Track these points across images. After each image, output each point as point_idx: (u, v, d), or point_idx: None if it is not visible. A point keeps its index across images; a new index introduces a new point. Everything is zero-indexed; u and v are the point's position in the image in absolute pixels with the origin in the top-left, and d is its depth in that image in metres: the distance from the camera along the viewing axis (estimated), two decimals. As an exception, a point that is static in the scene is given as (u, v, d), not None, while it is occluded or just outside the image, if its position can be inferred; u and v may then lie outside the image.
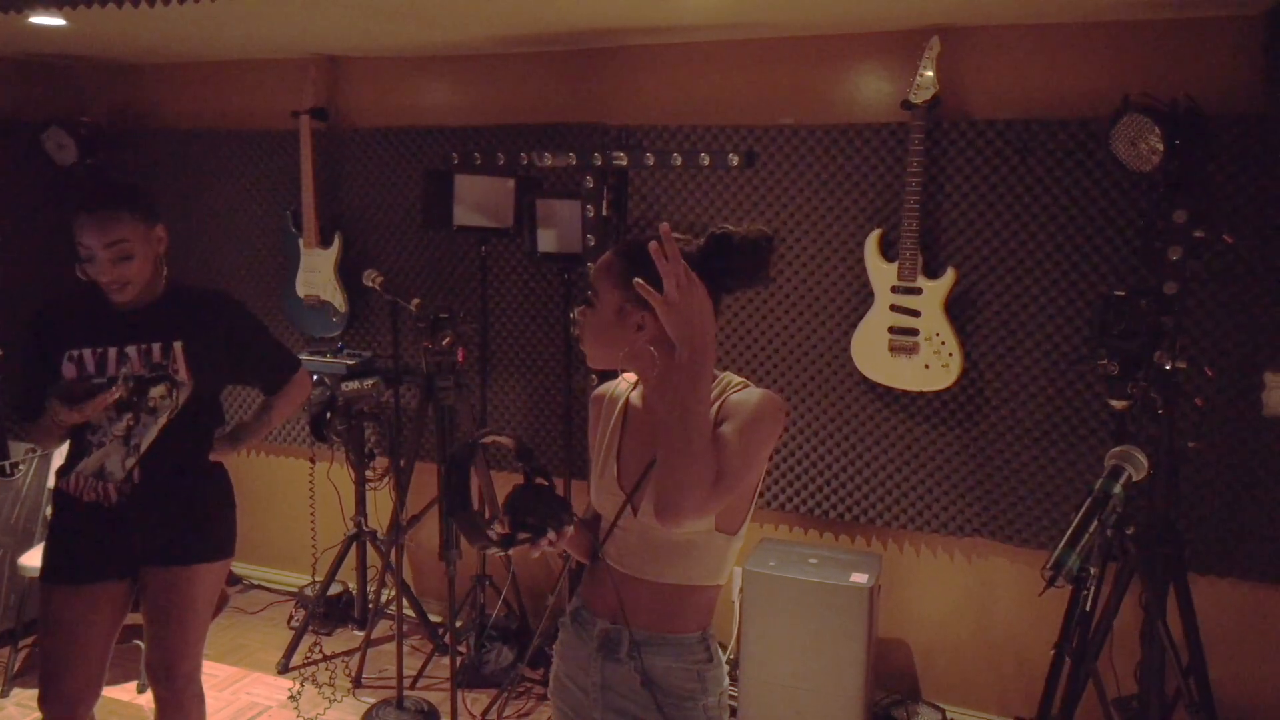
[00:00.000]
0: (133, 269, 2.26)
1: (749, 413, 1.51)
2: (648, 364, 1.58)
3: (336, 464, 3.82)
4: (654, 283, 1.44)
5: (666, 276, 1.40)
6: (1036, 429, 3.05)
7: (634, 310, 1.55)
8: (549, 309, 3.67)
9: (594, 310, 1.59)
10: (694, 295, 1.42)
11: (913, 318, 3.03)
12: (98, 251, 2.21)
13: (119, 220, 2.22)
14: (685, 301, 1.41)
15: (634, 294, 1.49)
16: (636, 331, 1.56)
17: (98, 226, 2.20)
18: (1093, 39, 2.87)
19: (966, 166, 3.02)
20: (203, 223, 4.22)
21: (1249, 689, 2.94)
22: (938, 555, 3.29)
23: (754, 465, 1.53)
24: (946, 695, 3.31)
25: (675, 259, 1.41)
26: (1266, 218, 2.72)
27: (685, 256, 1.48)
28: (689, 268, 1.42)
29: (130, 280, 2.26)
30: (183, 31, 3.38)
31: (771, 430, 1.53)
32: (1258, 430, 2.81)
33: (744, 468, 1.50)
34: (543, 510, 1.55)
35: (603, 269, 1.59)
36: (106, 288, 2.26)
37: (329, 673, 3.59)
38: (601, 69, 3.50)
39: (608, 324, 1.58)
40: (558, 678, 1.77)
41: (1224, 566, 2.90)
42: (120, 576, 2.37)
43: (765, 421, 1.52)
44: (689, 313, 1.42)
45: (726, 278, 1.56)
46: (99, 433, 2.31)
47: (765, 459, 1.56)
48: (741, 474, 1.50)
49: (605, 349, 1.59)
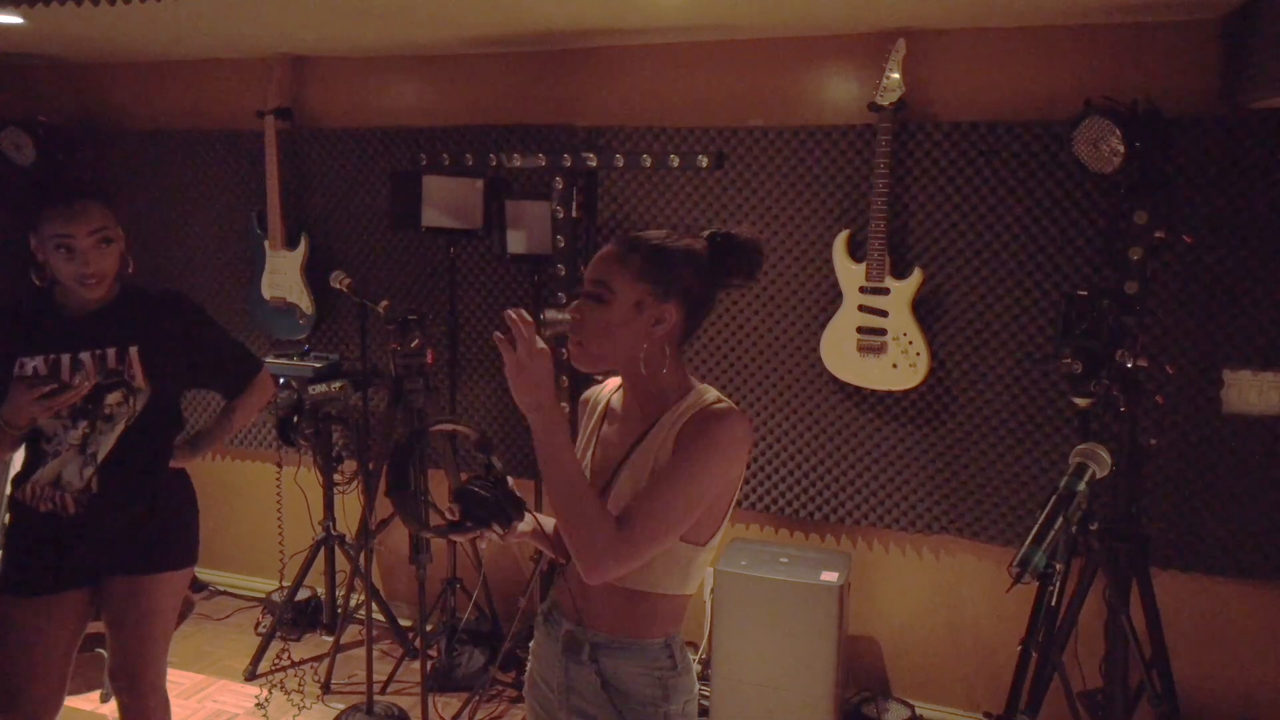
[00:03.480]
0: (113, 258, 2.22)
1: (699, 448, 1.49)
2: (656, 362, 1.56)
3: (304, 468, 3.78)
4: (677, 276, 1.53)
5: (520, 339, 1.43)
6: (1002, 427, 3.09)
7: (654, 303, 1.54)
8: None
9: (604, 306, 1.54)
10: (541, 362, 1.45)
11: (880, 318, 3.06)
12: (80, 240, 2.15)
13: (96, 208, 2.19)
14: (535, 365, 1.44)
15: (654, 287, 1.53)
16: (654, 326, 1.54)
17: (79, 215, 2.16)
18: (1055, 42, 2.91)
19: (933, 168, 3.06)
20: (166, 224, 4.16)
21: (1210, 681, 2.99)
22: (906, 553, 3.32)
23: (695, 503, 1.50)
24: (915, 691, 3.34)
25: (529, 327, 1.45)
26: (1224, 219, 2.78)
27: (698, 255, 1.56)
28: (534, 340, 1.45)
29: (107, 273, 2.21)
30: (144, 30, 3.33)
31: (727, 458, 1.51)
32: (1217, 427, 2.87)
33: (680, 508, 1.48)
34: (492, 504, 1.54)
35: (614, 262, 1.55)
36: (82, 281, 2.18)
37: (297, 679, 3.55)
38: (571, 70, 3.49)
39: (623, 319, 1.54)
40: (531, 676, 1.77)
41: (1185, 561, 2.95)
42: (80, 586, 2.32)
43: (717, 452, 1.49)
44: (538, 376, 1.44)
45: (729, 275, 1.60)
46: (54, 441, 2.25)
47: (724, 486, 1.54)
48: (674, 517, 1.48)
49: (613, 346, 1.55)
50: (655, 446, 1.56)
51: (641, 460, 1.56)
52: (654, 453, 1.55)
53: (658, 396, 1.60)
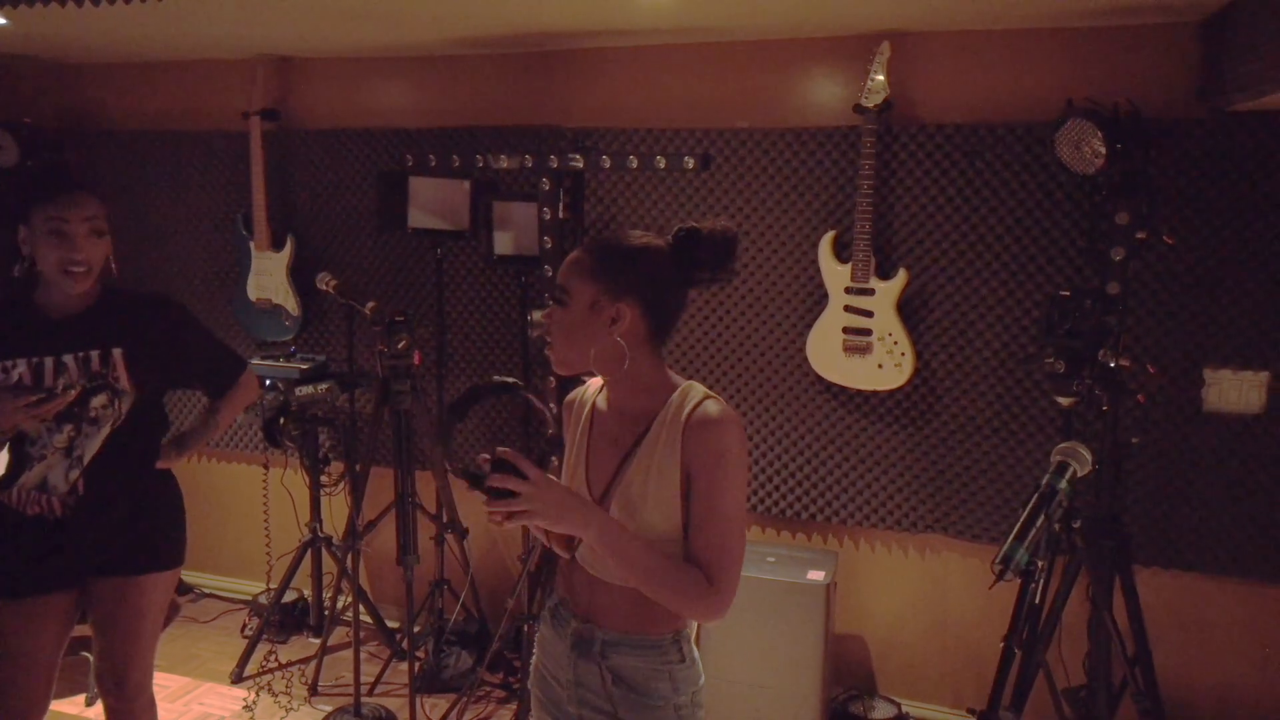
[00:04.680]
0: (101, 251, 2.22)
1: (720, 465, 1.54)
2: (619, 360, 1.58)
3: (291, 469, 3.77)
4: (628, 274, 1.56)
5: (515, 484, 1.43)
6: (986, 426, 3.11)
7: (608, 304, 1.56)
8: (506, 312, 3.66)
9: (564, 308, 1.59)
10: (549, 487, 1.46)
11: (866, 318, 3.08)
12: (73, 225, 2.16)
13: (91, 200, 2.21)
14: (544, 493, 1.45)
15: (606, 286, 1.55)
16: (610, 325, 1.56)
17: (72, 202, 2.17)
18: (1037, 46, 2.94)
19: (917, 169, 3.08)
20: (151, 225, 4.14)
21: (1191, 676, 3.03)
22: (892, 552, 3.34)
23: (742, 512, 1.57)
24: (902, 689, 3.36)
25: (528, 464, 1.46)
26: (1205, 220, 2.81)
27: (657, 252, 1.58)
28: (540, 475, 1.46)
29: (93, 265, 2.21)
30: (129, 31, 3.31)
31: (741, 458, 1.56)
32: (1198, 425, 2.90)
33: (737, 527, 1.56)
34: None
35: (572, 265, 1.60)
36: (68, 268, 2.17)
37: (285, 681, 3.54)
38: (557, 71, 3.50)
39: (580, 320, 1.58)
40: (538, 669, 1.79)
41: (1167, 558, 2.98)
42: (67, 588, 2.31)
43: (733, 460, 1.55)
44: (550, 500, 1.46)
45: (696, 271, 1.60)
46: (38, 445, 2.25)
47: (745, 483, 1.60)
48: (738, 535, 1.56)
49: (576, 347, 1.59)
50: (657, 448, 1.57)
51: (644, 462, 1.58)
52: (656, 454, 1.57)
53: (641, 394, 1.61)
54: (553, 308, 1.61)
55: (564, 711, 1.71)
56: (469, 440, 3.76)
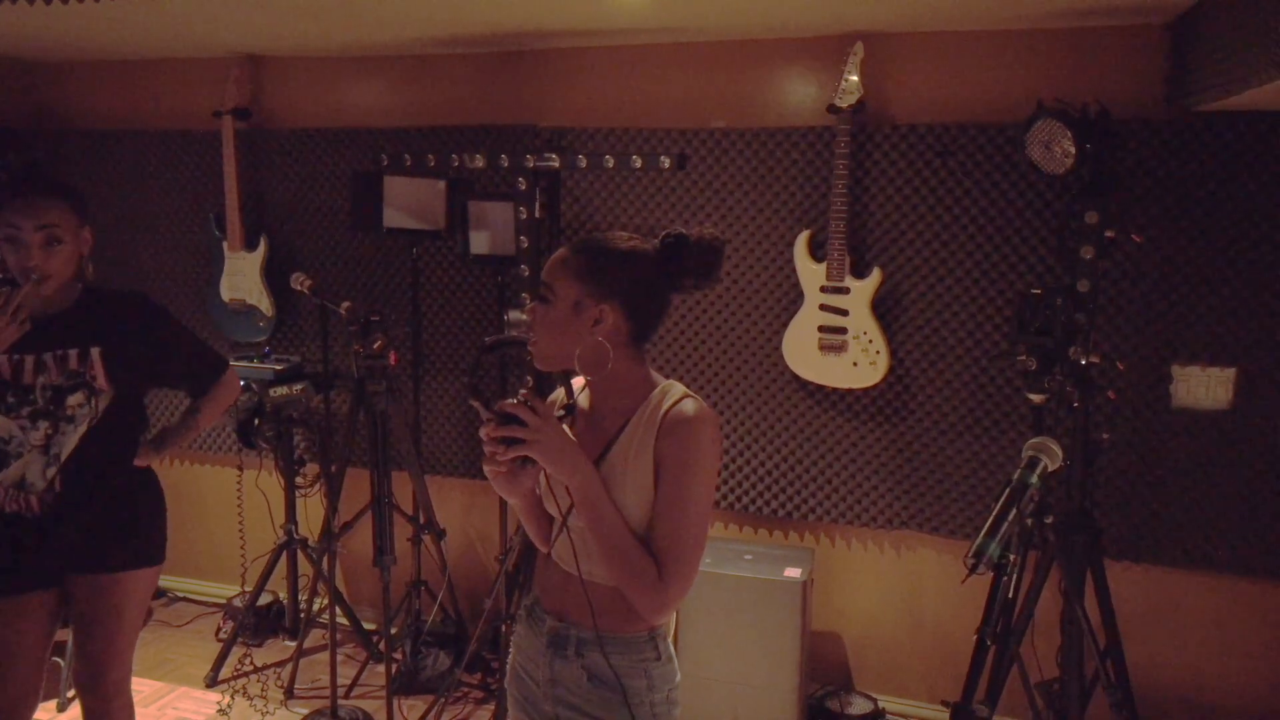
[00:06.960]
0: (60, 258, 2.19)
1: (688, 461, 1.55)
2: (602, 360, 1.58)
3: (265, 471, 3.74)
4: (613, 277, 1.56)
5: (525, 415, 1.48)
6: (960, 423, 3.14)
7: (592, 304, 1.57)
8: (482, 311, 3.66)
9: (548, 306, 1.60)
10: (553, 429, 1.50)
11: (841, 317, 3.10)
12: (25, 234, 2.14)
13: (52, 207, 2.18)
14: (547, 434, 1.49)
15: (591, 287, 1.56)
16: (593, 325, 1.57)
17: (28, 208, 2.15)
18: (1008, 47, 2.98)
19: (891, 169, 3.10)
20: (122, 225, 4.09)
21: (1161, 668, 3.07)
22: (868, 548, 3.36)
23: (707, 510, 1.57)
24: (878, 685, 3.39)
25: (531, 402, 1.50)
26: (1172, 219, 2.86)
27: (642, 256, 1.59)
28: (541, 408, 1.50)
29: (54, 273, 2.19)
30: (99, 28, 3.28)
31: (712, 456, 1.58)
32: (1167, 421, 2.95)
33: (698, 524, 1.56)
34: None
35: (558, 264, 1.61)
36: (24, 275, 2.16)
37: (260, 684, 3.51)
38: (533, 71, 3.50)
39: (564, 319, 1.58)
40: (514, 668, 1.79)
41: (1137, 552, 3.03)
42: (47, 587, 2.31)
43: (703, 456, 1.56)
44: (551, 437, 1.50)
45: (681, 277, 1.61)
46: (13, 442, 2.24)
47: (714, 485, 1.62)
48: (697, 533, 1.56)
49: (559, 345, 1.59)
50: (632, 444, 1.58)
51: (619, 459, 1.59)
52: (631, 451, 1.58)
53: (622, 393, 1.63)
54: (536, 304, 1.62)
55: (540, 710, 1.71)
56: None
